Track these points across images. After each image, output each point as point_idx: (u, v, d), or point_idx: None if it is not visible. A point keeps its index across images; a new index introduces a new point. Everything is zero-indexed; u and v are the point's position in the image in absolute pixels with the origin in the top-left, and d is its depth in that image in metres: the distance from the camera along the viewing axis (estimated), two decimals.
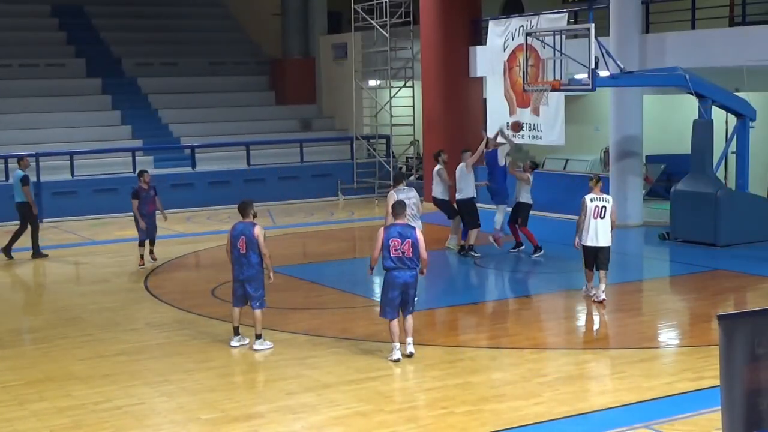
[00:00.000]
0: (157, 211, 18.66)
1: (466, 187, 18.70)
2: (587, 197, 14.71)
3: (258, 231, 12.50)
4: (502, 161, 18.99)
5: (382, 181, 28.83)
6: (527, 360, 12.09)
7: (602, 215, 14.61)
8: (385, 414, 10.12)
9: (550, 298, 15.92)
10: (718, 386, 6.67)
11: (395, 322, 11.98)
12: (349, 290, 16.00)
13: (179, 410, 10.44)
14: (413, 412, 10.36)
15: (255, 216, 12.74)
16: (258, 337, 12.53)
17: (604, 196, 14.82)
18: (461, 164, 18.82)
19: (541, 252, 18.30)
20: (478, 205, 18.96)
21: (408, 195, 14.96)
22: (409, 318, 12.09)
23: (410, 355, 11.98)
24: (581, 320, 14.68)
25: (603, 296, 14.69)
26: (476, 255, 18.40)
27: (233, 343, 12.69)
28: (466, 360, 12.09)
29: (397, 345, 11.96)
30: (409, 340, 12.09)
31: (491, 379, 11.34)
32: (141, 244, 18.50)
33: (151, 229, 18.60)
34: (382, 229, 12.04)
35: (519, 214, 18.51)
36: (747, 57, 19.64)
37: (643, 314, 14.81)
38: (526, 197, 18.45)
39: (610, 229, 14.70)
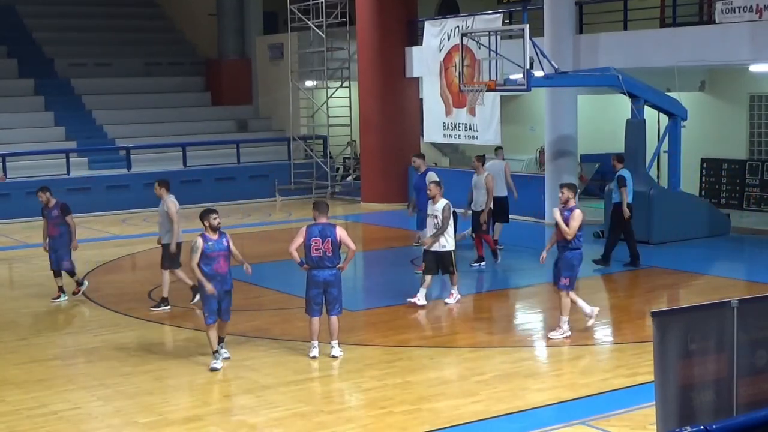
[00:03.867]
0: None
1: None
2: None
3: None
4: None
5: (319, 182, 28.81)
6: (465, 359, 12.17)
7: None
8: (325, 414, 10.13)
9: (487, 297, 16.03)
10: (652, 382, 6.77)
11: (316, 320, 12.06)
12: (287, 291, 15.95)
13: (116, 414, 10.34)
14: (352, 412, 10.38)
15: (206, 226, 11.97)
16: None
17: None
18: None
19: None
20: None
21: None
22: (335, 320, 12.14)
23: (333, 357, 12.01)
24: (518, 318, 14.81)
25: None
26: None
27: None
28: (405, 360, 12.13)
29: (315, 343, 12.05)
30: (334, 342, 12.14)
31: (430, 379, 11.39)
32: (54, 273, 15.68)
33: (57, 257, 15.48)
34: (304, 227, 12.05)
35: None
36: (678, 57, 19.97)
37: (578, 312, 14.95)
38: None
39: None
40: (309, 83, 30.19)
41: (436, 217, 14.51)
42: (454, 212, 18.37)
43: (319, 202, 12.34)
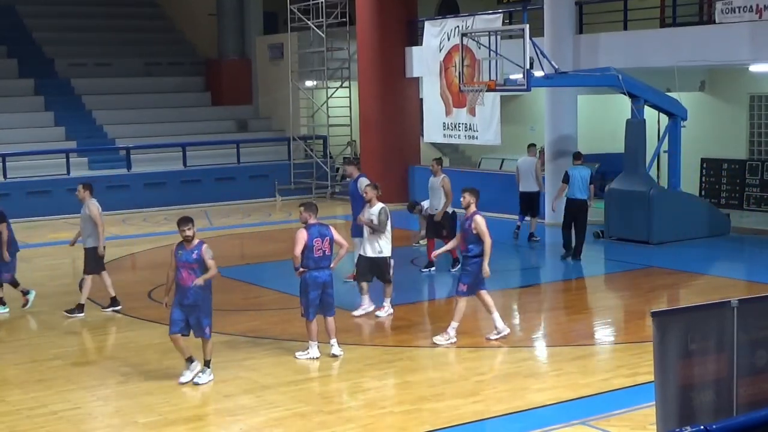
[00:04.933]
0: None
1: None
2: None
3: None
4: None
5: (319, 182, 28.81)
6: (465, 359, 12.17)
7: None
8: (325, 414, 10.13)
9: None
10: (652, 382, 6.77)
11: (315, 322, 12.06)
12: (287, 291, 15.93)
13: (116, 414, 10.35)
14: (352, 412, 10.37)
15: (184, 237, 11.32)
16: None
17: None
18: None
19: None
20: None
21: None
22: (332, 320, 12.17)
23: (335, 356, 12.04)
24: (518, 318, 14.80)
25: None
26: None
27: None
28: (405, 359, 12.13)
29: (315, 343, 12.05)
30: (333, 341, 12.17)
31: (430, 378, 11.39)
32: None
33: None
34: (302, 230, 11.96)
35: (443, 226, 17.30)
36: (678, 57, 19.97)
37: (578, 312, 14.97)
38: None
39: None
40: (309, 83, 30.19)
41: (371, 221, 14.01)
42: (454, 213, 18.41)
43: (309, 204, 12.28)
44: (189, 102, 31.71)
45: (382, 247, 14.00)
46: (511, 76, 19.26)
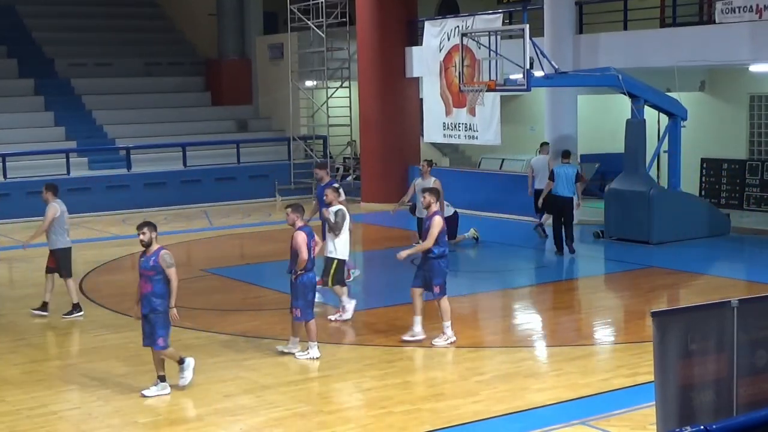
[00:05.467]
0: None
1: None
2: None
3: None
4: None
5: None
6: (465, 359, 12.17)
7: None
8: (325, 415, 10.13)
9: (487, 297, 16.02)
10: (652, 382, 6.77)
11: (314, 322, 12.09)
12: (287, 291, 15.86)
13: (116, 414, 10.34)
14: (352, 412, 10.38)
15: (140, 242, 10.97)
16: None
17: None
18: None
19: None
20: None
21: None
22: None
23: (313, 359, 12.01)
24: (518, 318, 14.80)
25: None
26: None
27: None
28: (405, 359, 12.13)
29: (316, 343, 12.08)
30: (315, 344, 12.16)
31: (429, 378, 11.39)
32: None
33: None
34: (301, 233, 11.90)
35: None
36: (678, 58, 19.98)
37: (578, 312, 14.97)
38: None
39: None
40: (309, 83, 30.17)
41: (328, 220, 13.81)
42: (455, 213, 18.46)
43: (296, 205, 12.20)
44: (189, 102, 31.71)
45: (335, 247, 13.69)
46: (511, 76, 19.27)
